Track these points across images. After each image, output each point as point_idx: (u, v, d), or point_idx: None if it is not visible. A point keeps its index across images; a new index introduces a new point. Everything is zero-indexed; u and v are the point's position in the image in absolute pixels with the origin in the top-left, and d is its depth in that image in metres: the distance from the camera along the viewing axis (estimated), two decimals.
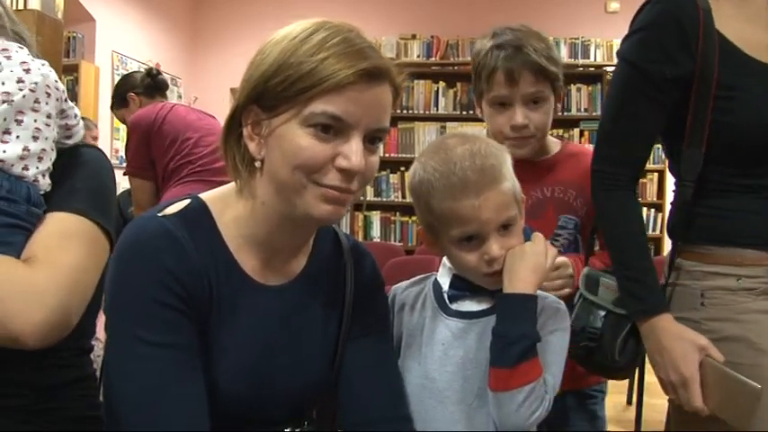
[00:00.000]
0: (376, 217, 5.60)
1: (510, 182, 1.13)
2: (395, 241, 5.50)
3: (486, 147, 1.13)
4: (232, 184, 1.04)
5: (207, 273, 0.97)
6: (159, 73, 3.13)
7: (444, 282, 1.21)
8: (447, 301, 1.19)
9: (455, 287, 1.19)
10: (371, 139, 0.97)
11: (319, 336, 1.09)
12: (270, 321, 1.03)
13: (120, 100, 3.17)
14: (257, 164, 0.98)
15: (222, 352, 0.98)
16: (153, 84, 3.07)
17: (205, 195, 1.05)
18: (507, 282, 1.11)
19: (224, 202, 1.04)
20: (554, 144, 1.61)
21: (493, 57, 1.49)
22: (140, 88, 3.08)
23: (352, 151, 0.94)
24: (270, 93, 0.94)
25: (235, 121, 0.99)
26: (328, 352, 1.09)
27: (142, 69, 3.22)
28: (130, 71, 3.32)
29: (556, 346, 1.14)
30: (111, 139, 5.99)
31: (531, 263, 1.11)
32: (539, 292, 1.16)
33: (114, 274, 0.95)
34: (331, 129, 0.93)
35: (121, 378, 0.92)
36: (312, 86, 0.91)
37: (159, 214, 0.98)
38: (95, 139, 4.65)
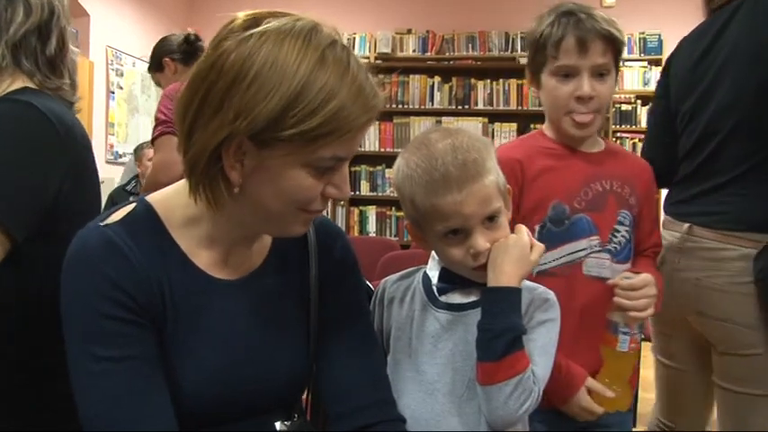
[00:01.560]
0: (371, 212, 5.60)
1: (494, 175, 1.12)
2: (390, 236, 5.49)
3: (468, 140, 1.12)
4: (181, 183, 1.00)
5: (158, 278, 0.94)
6: (198, 39, 2.95)
7: (433, 275, 1.21)
8: (436, 293, 1.19)
9: (444, 280, 1.19)
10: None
11: (292, 324, 1.07)
12: (237, 316, 1.01)
13: (155, 63, 3.03)
14: (236, 190, 0.92)
15: (190, 355, 0.96)
16: (190, 50, 2.90)
17: (151, 197, 1.01)
18: (491, 275, 1.11)
19: (172, 202, 1.00)
20: (599, 139, 1.56)
21: (561, 24, 1.42)
22: (177, 54, 2.93)
23: (344, 181, 0.96)
24: (272, 133, 0.86)
25: (216, 151, 0.89)
26: (304, 340, 1.07)
27: (177, 33, 3.04)
28: (166, 35, 3.17)
29: (545, 338, 1.14)
30: (105, 134, 5.98)
31: (515, 255, 1.11)
32: (528, 283, 1.16)
33: (63, 292, 0.92)
34: (331, 165, 0.93)
35: (82, 395, 0.90)
36: (327, 135, 0.88)
37: (102, 224, 0.95)
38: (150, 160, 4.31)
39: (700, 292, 1.62)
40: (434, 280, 1.20)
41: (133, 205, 0.99)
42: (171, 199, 1.01)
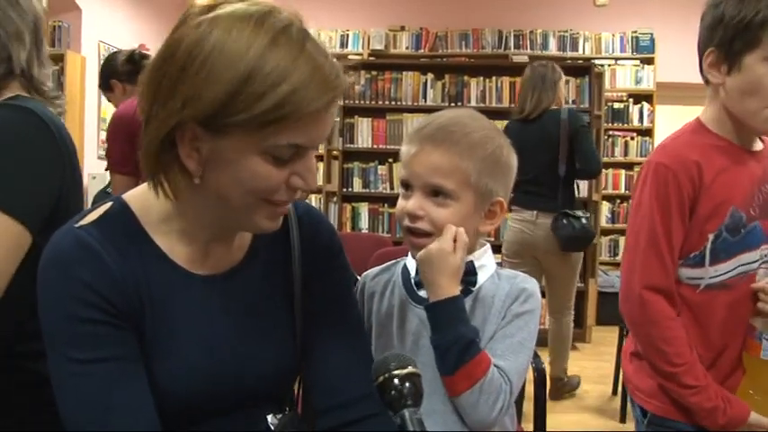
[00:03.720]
0: (364, 208, 5.60)
1: (467, 161, 1.12)
2: (383, 232, 5.49)
3: (476, 125, 1.15)
4: None
5: (135, 278, 0.93)
6: (144, 57, 2.92)
7: (412, 267, 1.20)
8: (414, 287, 1.19)
9: None
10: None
11: (277, 317, 1.05)
12: (218, 311, 1.00)
13: (104, 83, 3.03)
14: (196, 181, 0.90)
15: (172, 352, 0.95)
16: (134, 69, 2.86)
17: (128, 195, 1.00)
18: (428, 291, 1.12)
19: (148, 199, 0.98)
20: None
21: (757, 2, 1.24)
22: (123, 75, 2.92)
23: (309, 171, 0.92)
24: (222, 119, 0.85)
25: (167, 139, 0.88)
26: (290, 333, 1.06)
27: (124, 51, 3.04)
28: (115, 51, 3.14)
29: (524, 332, 1.14)
30: (97, 129, 5.95)
31: (442, 266, 1.10)
32: (507, 272, 1.19)
33: (39, 295, 0.91)
34: (290, 154, 0.90)
35: (61, 397, 0.89)
36: (277, 120, 0.84)
37: (76, 225, 0.93)
38: None
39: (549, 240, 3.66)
40: (413, 272, 1.20)
41: (109, 204, 0.98)
42: (147, 195, 0.99)
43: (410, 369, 0.83)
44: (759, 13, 1.25)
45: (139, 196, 0.99)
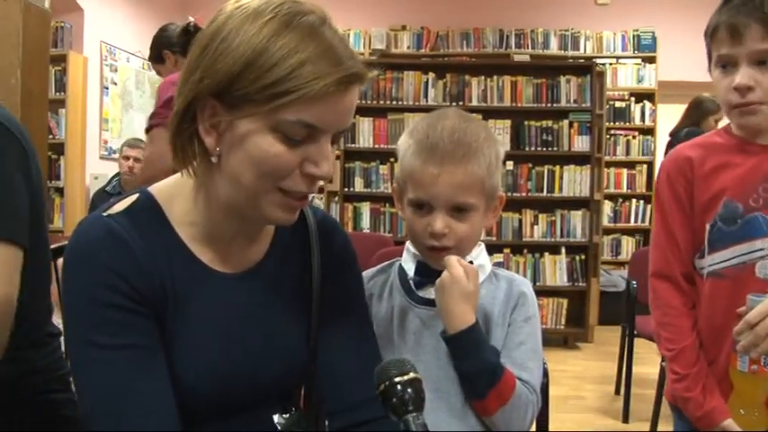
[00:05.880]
0: (365, 208, 5.60)
1: (482, 170, 1.12)
2: (384, 232, 5.49)
3: (477, 130, 1.14)
4: (181, 176, 1.01)
5: (159, 269, 0.94)
6: (198, 28, 2.81)
7: (409, 268, 1.21)
8: (413, 287, 1.19)
9: (420, 273, 1.19)
10: (333, 139, 0.95)
11: (293, 318, 1.07)
12: (237, 310, 1.01)
13: (155, 55, 3.03)
14: (213, 159, 0.93)
15: (190, 348, 0.96)
16: (189, 40, 2.82)
17: (154, 188, 1.01)
18: (446, 322, 1.11)
19: (173, 194, 1.00)
20: None
21: (718, 13, 1.34)
22: (176, 46, 2.91)
23: (323, 157, 0.92)
24: (235, 92, 0.88)
25: (188, 113, 0.92)
26: (303, 334, 1.07)
27: (176, 23, 3.04)
28: (167, 23, 3.11)
29: (533, 339, 1.15)
30: (99, 129, 5.96)
31: (457, 293, 1.10)
32: (503, 273, 1.19)
33: (64, 281, 0.92)
34: (302, 135, 0.90)
35: (83, 383, 0.91)
36: (286, 93, 0.86)
37: (104, 214, 0.95)
38: (137, 160, 4.33)
39: None
40: (411, 273, 1.20)
41: (136, 196, 0.99)
42: (172, 189, 1.01)
43: (411, 375, 0.83)
44: (707, 27, 1.37)
45: (165, 190, 1.01)
